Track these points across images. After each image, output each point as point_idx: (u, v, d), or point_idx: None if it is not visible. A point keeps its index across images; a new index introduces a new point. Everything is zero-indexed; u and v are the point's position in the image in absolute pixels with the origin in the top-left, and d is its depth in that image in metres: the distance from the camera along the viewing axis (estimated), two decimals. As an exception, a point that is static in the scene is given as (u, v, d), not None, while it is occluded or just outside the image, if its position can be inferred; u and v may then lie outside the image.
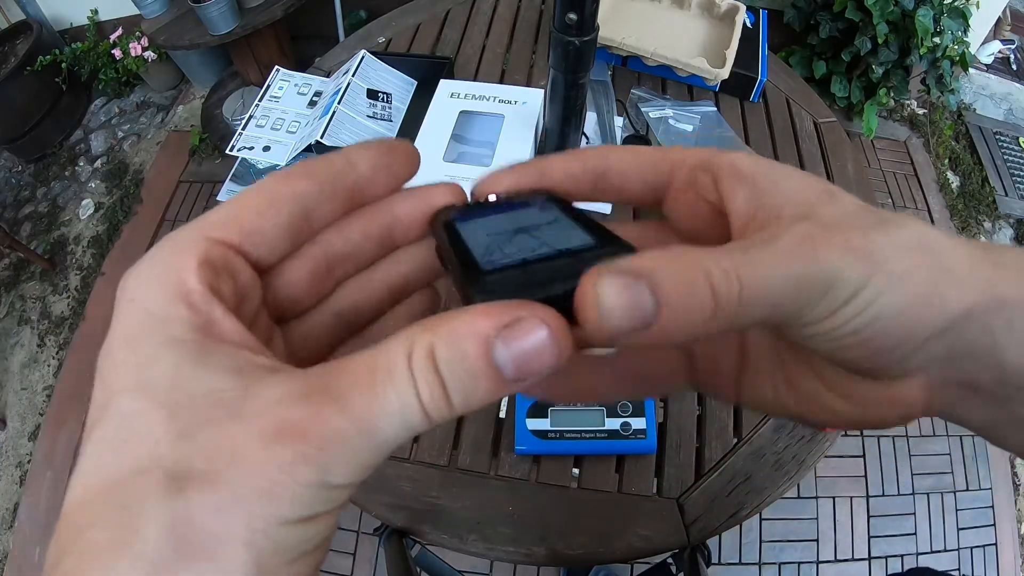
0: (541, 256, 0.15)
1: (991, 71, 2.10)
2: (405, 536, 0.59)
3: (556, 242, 0.15)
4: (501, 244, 0.16)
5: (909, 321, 0.15)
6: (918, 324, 0.15)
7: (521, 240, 0.16)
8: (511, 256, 0.15)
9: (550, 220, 0.17)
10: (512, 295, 0.13)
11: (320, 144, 0.75)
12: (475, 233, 0.16)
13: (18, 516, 1.45)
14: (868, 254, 0.14)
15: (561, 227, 0.16)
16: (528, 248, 0.15)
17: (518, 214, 0.17)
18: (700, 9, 0.92)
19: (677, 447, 0.61)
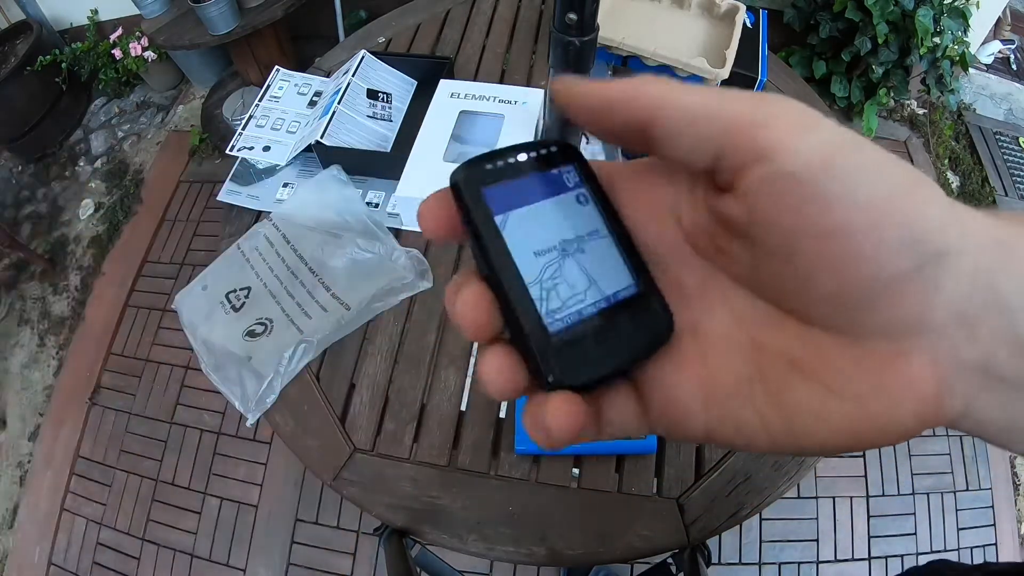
0: (597, 314, 0.16)
1: (991, 71, 2.09)
2: (405, 536, 0.59)
3: (603, 280, 0.16)
4: (553, 278, 0.16)
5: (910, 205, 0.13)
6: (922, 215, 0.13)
7: (571, 272, 0.16)
8: (569, 308, 0.16)
9: (590, 229, 0.17)
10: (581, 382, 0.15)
11: (320, 144, 0.75)
12: (520, 241, 0.16)
13: (18, 516, 1.45)
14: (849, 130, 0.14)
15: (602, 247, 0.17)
16: (581, 290, 0.16)
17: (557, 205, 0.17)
18: (700, 9, 0.92)
19: (677, 447, 0.61)
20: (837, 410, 0.14)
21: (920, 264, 0.13)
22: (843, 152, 0.13)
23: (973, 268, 0.13)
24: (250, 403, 0.64)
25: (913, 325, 0.14)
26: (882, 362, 0.14)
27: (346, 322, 0.68)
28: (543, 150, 0.17)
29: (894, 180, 0.13)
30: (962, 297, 0.13)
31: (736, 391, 0.16)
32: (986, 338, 0.13)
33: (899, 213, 0.13)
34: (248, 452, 1.43)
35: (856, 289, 0.14)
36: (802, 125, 0.14)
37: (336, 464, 0.62)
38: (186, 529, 1.36)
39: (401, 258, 0.71)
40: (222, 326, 0.69)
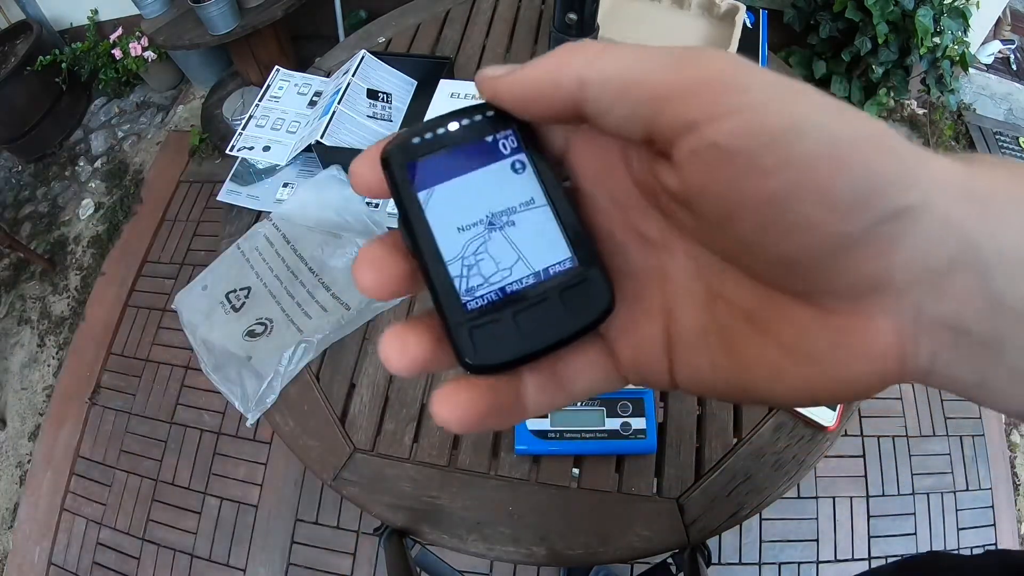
0: (523, 291, 0.15)
1: (991, 71, 2.09)
2: (405, 536, 0.59)
3: (534, 255, 0.15)
4: (476, 253, 0.15)
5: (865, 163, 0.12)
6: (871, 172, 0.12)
7: (497, 246, 0.15)
8: (491, 285, 0.15)
9: (524, 199, 0.16)
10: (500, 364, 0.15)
11: (320, 144, 0.75)
12: (443, 217, 0.15)
13: (18, 516, 1.45)
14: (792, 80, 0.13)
15: (537, 219, 0.16)
16: (506, 266, 0.15)
17: (487, 175, 0.16)
18: (700, 9, 0.92)
19: (677, 447, 0.61)
20: (792, 369, 0.14)
21: (873, 224, 0.12)
22: (778, 111, 0.12)
23: (941, 223, 0.12)
24: (250, 403, 0.64)
25: (872, 286, 0.13)
26: (840, 321, 0.13)
27: (346, 322, 0.68)
28: (478, 115, 0.16)
29: (840, 132, 0.12)
30: (927, 255, 0.12)
31: (695, 341, 0.16)
32: (955, 295, 0.13)
33: (846, 170, 0.12)
34: (248, 452, 1.43)
35: (805, 255, 0.13)
36: (732, 87, 0.13)
37: (336, 464, 0.62)
38: (186, 529, 1.36)
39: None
40: (222, 326, 0.69)
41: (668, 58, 0.13)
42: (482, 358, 0.15)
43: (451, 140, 0.16)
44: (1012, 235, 0.12)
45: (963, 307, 0.13)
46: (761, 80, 0.13)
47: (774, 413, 0.63)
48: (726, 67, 0.13)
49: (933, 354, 0.13)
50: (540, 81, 0.15)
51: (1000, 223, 0.12)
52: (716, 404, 0.64)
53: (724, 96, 0.12)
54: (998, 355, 0.13)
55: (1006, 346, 0.13)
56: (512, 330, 0.15)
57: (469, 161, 0.16)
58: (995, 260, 0.12)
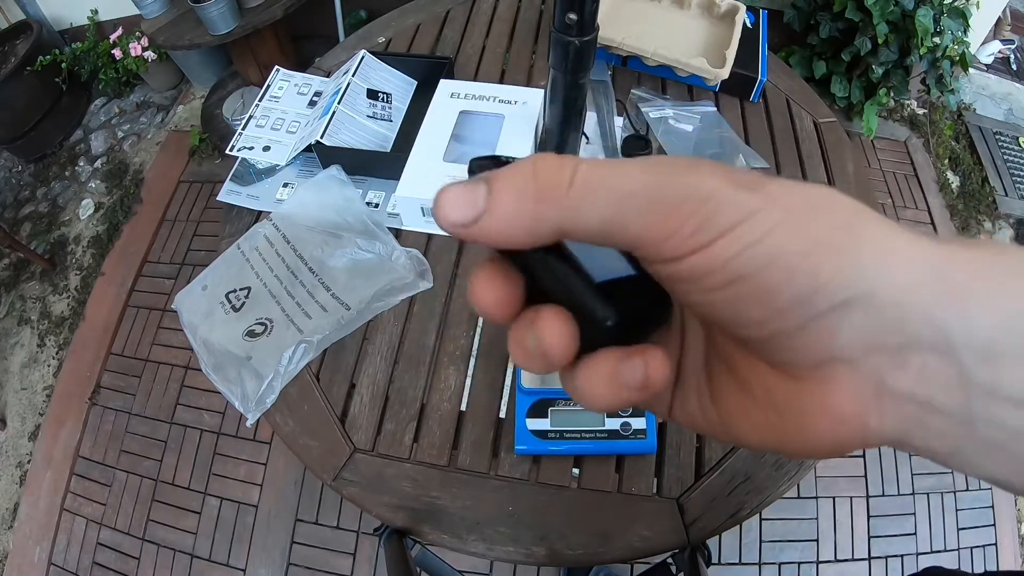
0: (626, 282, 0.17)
1: (991, 71, 2.09)
2: (405, 536, 0.59)
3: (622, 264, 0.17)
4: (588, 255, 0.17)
5: (811, 270, 0.13)
6: (824, 278, 0.13)
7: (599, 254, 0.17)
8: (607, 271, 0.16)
9: None
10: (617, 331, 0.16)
11: (320, 144, 0.75)
12: None
13: (18, 516, 1.45)
14: (761, 187, 0.14)
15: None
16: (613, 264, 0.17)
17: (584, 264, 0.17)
18: (700, 9, 0.92)
19: (677, 447, 0.61)
20: (761, 419, 0.16)
21: (811, 318, 0.13)
22: (734, 240, 0.13)
23: (893, 307, 0.13)
24: (250, 403, 0.64)
25: (820, 361, 0.14)
26: (800, 384, 0.15)
27: (346, 322, 0.68)
28: None
29: (790, 245, 0.13)
30: (875, 334, 0.13)
31: (690, 382, 0.18)
32: (919, 371, 0.13)
33: (789, 279, 0.13)
34: (248, 452, 1.43)
35: (754, 339, 0.14)
36: (699, 228, 0.13)
37: (336, 464, 0.62)
38: (186, 529, 1.36)
39: (401, 258, 0.71)
40: (222, 326, 0.69)
41: (642, 200, 0.14)
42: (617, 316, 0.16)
43: None
44: (986, 318, 0.13)
45: (929, 382, 0.13)
46: (733, 209, 0.13)
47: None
48: (696, 204, 0.13)
49: (900, 426, 0.14)
50: (513, 234, 0.15)
51: (972, 307, 0.13)
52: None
53: (689, 239, 0.13)
54: (969, 429, 0.13)
55: (977, 421, 0.13)
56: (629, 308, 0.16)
57: None
58: (963, 343, 0.13)
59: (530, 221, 0.14)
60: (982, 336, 0.13)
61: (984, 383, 0.13)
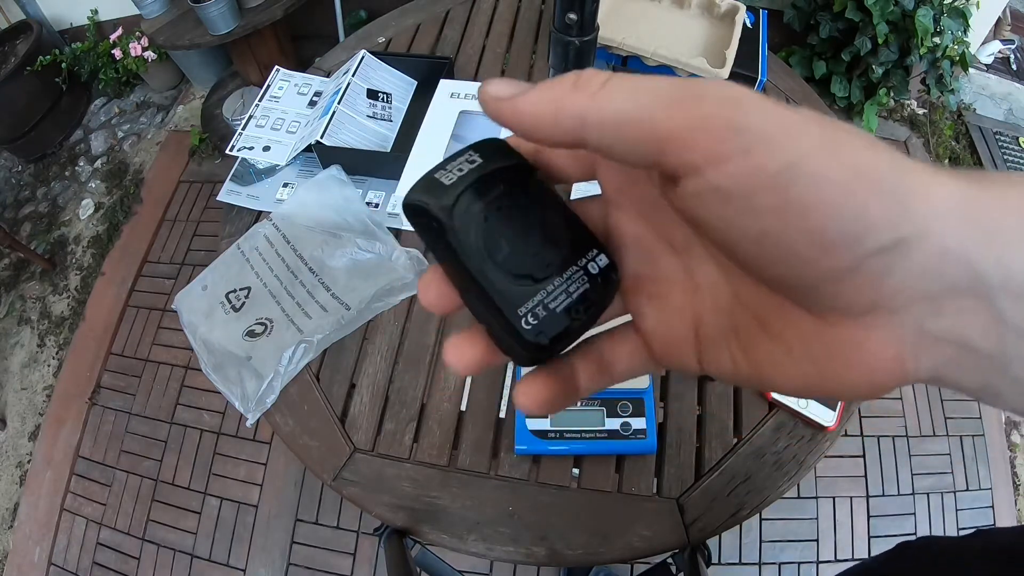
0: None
1: (991, 71, 2.09)
2: (405, 536, 0.59)
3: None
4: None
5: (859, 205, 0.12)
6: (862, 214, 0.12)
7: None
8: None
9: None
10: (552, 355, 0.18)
11: (320, 144, 0.75)
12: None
13: (18, 516, 1.45)
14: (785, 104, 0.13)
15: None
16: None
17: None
18: (700, 9, 0.92)
19: (677, 447, 0.61)
20: (795, 369, 0.16)
21: (861, 259, 0.13)
22: (774, 152, 0.12)
23: (938, 253, 0.13)
24: (250, 403, 0.64)
25: (867, 308, 0.14)
26: (838, 332, 0.14)
27: (346, 322, 0.68)
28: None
29: (834, 174, 0.12)
30: (920, 281, 0.13)
31: (717, 339, 0.18)
32: (957, 315, 0.13)
33: (836, 214, 0.12)
34: (248, 452, 1.43)
35: (798, 281, 0.14)
36: (731, 128, 0.13)
37: (336, 464, 0.62)
38: (186, 529, 1.36)
39: (401, 258, 0.71)
40: (222, 326, 0.69)
41: (668, 96, 0.13)
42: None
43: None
44: (1020, 260, 0.13)
45: (966, 325, 0.13)
46: (759, 118, 0.13)
47: (774, 413, 0.63)
48: (725, 105, 0.13)
49: (936, 366, 0.14)
50: (541, 116, 0.15)
51: (1007, 248, 0.13)
52: (716, 404, 0.64)
53: (723, 139, 0.13)
54: (1003, 367, 0.14)
55: (1011, 360, 0.13)
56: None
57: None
58: (999, 285, 0.13)
59: (557, 106, 0.15)
60: (1018, 278, 0.13)
61: (1019, 324, 0.13)
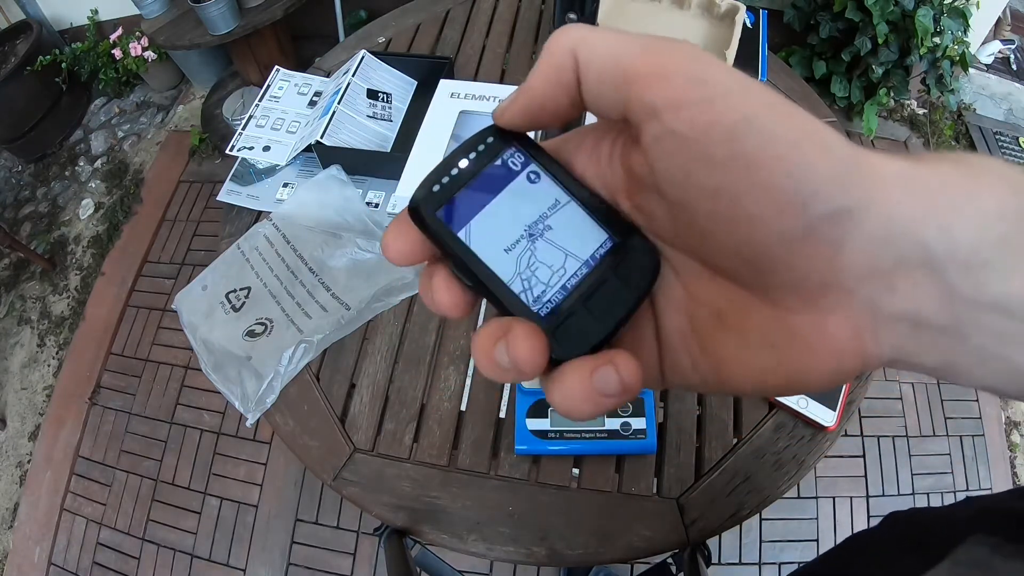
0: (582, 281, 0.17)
1: (991, 71, 2.09)
2: (405, 536, 0.59)
3: (578, 247, 0.17)
4: (531, 266, 0.17)
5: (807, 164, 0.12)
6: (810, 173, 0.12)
7: (545, 252, 0.17)
8: (553, 287, 0.16)
9: (550, 202, 0.17)
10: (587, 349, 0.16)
11: (320, 144, 0.75)
12: (488, 246, 0.17)
13: (18, 516, 1.45)
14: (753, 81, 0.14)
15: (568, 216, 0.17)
16: (559, 266, 0.17)
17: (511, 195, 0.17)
18: (700, 9, 0.92)
19: (677, 447, 0.61)
20: (755, 361, 0.15)
21: (813, 222, 0.13)
22: (731, 106, 0.13)
23: (884, 223, 0.13)
24: (250, 403, 0.64)
25: (821, 285, 0.14)
26: (797, 319, 0.14)
27: (346, 322, 0.68)
28: (480, 146, 0.18)
29: (785, 133, 0.13)
30: (871, 256, 0.13)
31: (678, 344, 0.17)
32: (909, 291, 0.13)
33: (788, 170, 0.12)
34: (248, 452, 1.43)
35: (753, 249, 0.14)
36: (691, 78, 0.13)
37: (336, 464, 0.62)
38: (186, 529, 1.36)
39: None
40: (222, 326, 0.69)
41: (640, 44, 0.14)
42: (569, 352, 0.16)
43: (466, 176, 0.17)
44: (963, 230, 0.13)
45: (919, 301, 0.13)
46: (719, 74, 0.13)
47: (774, 413, 0.63)
48: (687, 58, 0.14)
49: (895, 346, 0.14)
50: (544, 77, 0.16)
51: (947, 216, 0.13)
52: (716, 404, 0.64)
53: (684, 86, 0.13)
54: (963, 340, 0.14)
55: (968, 332, 0.13)
56: (587, 318, 0.16)
57: (490, 188, 0.17)
58: (945, 255, 0.13)
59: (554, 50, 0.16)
60: (963, 248, 0.13)
61: (969, 295, 0.13)
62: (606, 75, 0.15)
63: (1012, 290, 0.13)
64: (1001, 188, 0.13)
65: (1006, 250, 0.13)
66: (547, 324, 0.16)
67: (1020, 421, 1.49)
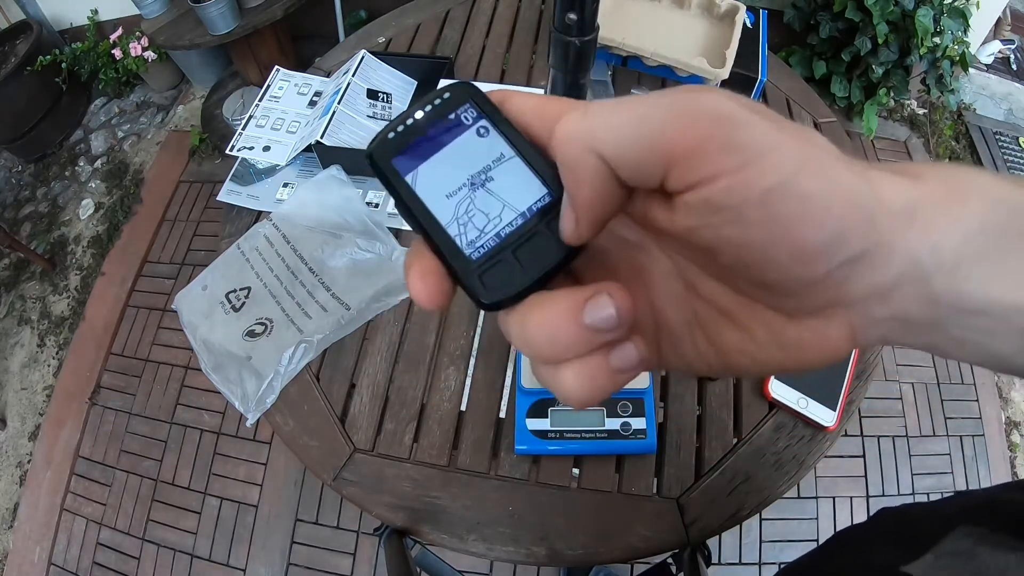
0: (516, 231, 0.17)
1: (991, 71, 2.09)
2: (405, 536, 0.59)
3: (516, 199, 0.18)
4: (468, 212, 0.17)
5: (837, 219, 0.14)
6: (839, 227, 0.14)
7: (484, 201, 0.17)
8: (487, 234, 0.17)
9: (495, 156, 0.18)
10: (513, 294, 0.17)
11: (320, 144, 0.75)
12: (431, 190, 0.18)
13: (18, 516, 1.45)
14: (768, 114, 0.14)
15: (510, 169, 0.18)
16: (496, 214, 0.17)
17: (458, 146, 0.18)
18: (700, 9, 0.92)
19: (677, 447, 0.61)
20: (760, 354, 0.17)
21: (833, 269, 0.14)
22: (764, 171, 0.13)
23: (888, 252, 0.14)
24: (250, 403, 0.64)
25: (829, 305, 0.16)
26: (803, 326, 0.16)
27: (346, 322, 0.68)
28: (437, 100, 0.18)
29: (816, 193, 0.13)
30: (874, 280, 0.15)
31: (682, 332, 0.18)
32: (900, 300, 0.15)
33: (818, 227, 0.14)
34: (248, 452, 1.43)
35: (774, 287, 0.15)
36: (724, 145, 0.14)
37: (336, 464, 0.62)
38: (186, 529, 1.36)
39: (401, 258, 0.71)
40: (222, 326, 0.69)
41: (659, 117, 0.14)
42: (494, 296, 0.17)
43: (421, 126, 0.18)
44: (949, 246, 0.15)
45: (907, 307, 0.15)
46: (751, 134, 0.14)
47: (774, 413, 0.63)
48: (717, 122, 0.14)
49: (883, 336, 0.16)
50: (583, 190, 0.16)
51: (940, 238, 0.15)
52: (716, 404, 0.64)
53: (718, 156, 0.14)
54: (943, 331, 0.16)
55: (949, 326, 0.15)
56: (515, 266, 0.17)
57: (440, 139, 0.18)
58: (934, 268, 0.15)
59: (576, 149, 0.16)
60: (948, 261, 0.15)
61: (951, 301, 0.15)
62: (642, 165, 0.15)
63: (989, 295, 0.15)
64: (983, 204, 0.15)
65: (985, 262, 0.15)
66: (475, 267, 0.17)
67: (1020, 421, 1.49)
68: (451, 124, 0.18)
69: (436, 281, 0.17)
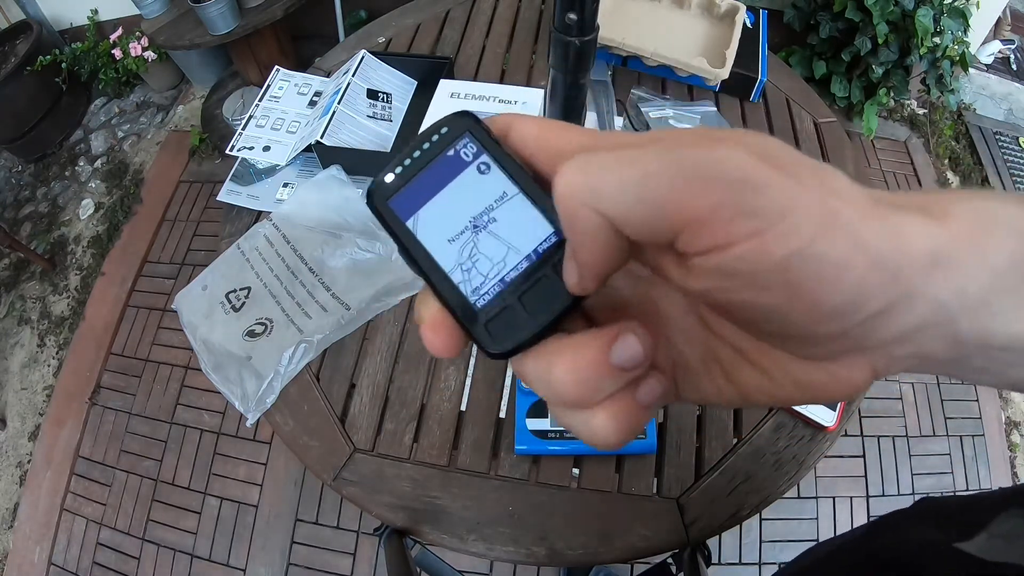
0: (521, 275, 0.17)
1: (991, 71, 2.09)
2: (405, 536, 0.59)
3: (521, 241, 0.17)
4: (472, 257, 0.17)
5: (857, 281, 0.13)
6: (860, 287, 0.13)
7: (487, 244, 0.17)
8: (492, 280, 0.17)
9: (497, 194, 0.17)
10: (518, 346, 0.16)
11: (320, 144, 0.75)
12: (433, 236, 0.17)
13: (18, 516, 1.45)
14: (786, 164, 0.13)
15: (513, 209, 0.17)
16: (500, 259, 0.17)
17: (459, 185, 0.17)
18: (700, 9, 0.92)
19: (677, 447, 0.61)
20: (781, 392, 0.17)
21: (852, 326, 0.14)
22: (781, 238, 0.13)
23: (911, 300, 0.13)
24: (250, 403, 0.64)
25: (849, 352, 0.15)
26: (822, 368, 0.16)
27: (346, 322, 0.68)
28: (435, 135, 0.18)
29: (835, 256, 0.13)
30: (897, 328, 0.14)
31: (699, 368, 0.18)
32: (923, 341, 0.14)
33: (836, 291, 0.13)
34: (248, 452, 1.43)
35: (790, 341, 0.15)
36: (739, 211, 0.13)
37: (336, 464, 0.62)
38: (186, 529, 1.36)
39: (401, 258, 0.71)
40: (222, 326, 0.69)
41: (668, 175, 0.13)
42: (503, 346, 0.16)
43: (419, 165, 0.17)
44: (976, 287, 0.14)
45: (931, 345, 0.15)
46: (767, 198, 0.13)
47: (774, 413, 0.63)
48: (734, 189, 0.13)
49: (904, 369, 0.16)
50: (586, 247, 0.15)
51: (965, 280, 0.14)
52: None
53: (731, 222, 0.13)
54: (963, 365, 0.16)
55: (970, 359, 0.15)
56: (522, 313, 0.16)
57: (440, 178, 0.17)
58: (959, 310, 0.14)
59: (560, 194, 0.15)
60: (974, 300, 0.14)
61: (975, 339, 0.14)
62: (648, 227, 0.14)
63: (1012, 331, 0.14)
64: (1013, 238, 0.14)
65: (1012, 296, 0.14)
66: (481, 315, 0.16)
67: (1020, 421, 1.49)
68: (451, 161, 0.17)
69: (448, 332, 0.17)
